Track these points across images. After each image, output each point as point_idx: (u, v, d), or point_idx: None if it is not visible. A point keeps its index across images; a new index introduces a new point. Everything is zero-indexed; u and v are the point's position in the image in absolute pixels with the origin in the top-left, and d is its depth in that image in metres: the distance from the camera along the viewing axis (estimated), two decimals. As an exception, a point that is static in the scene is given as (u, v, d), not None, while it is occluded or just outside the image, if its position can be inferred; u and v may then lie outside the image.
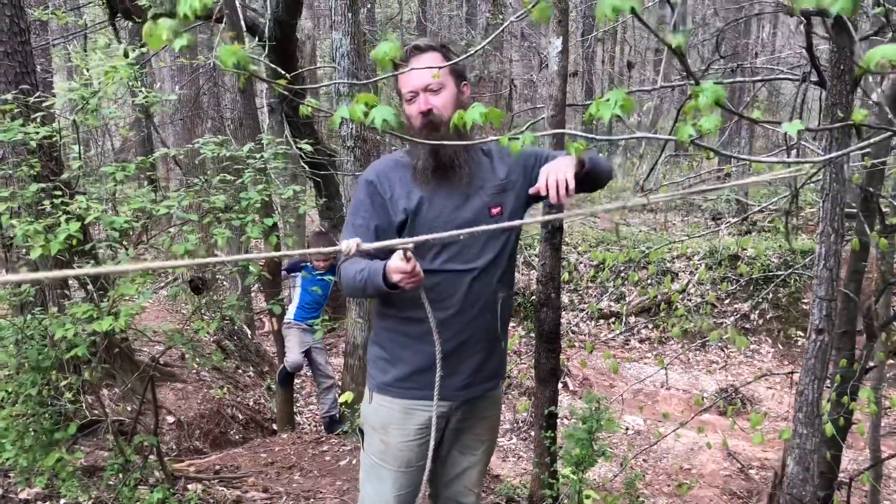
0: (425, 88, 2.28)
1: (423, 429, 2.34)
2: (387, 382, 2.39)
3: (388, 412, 2.39)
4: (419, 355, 2.33)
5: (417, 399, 2.34)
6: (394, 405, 2.38)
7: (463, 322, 2.32)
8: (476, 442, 2.55)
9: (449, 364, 2.28)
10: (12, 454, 3.06)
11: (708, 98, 1.07)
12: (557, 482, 3.95)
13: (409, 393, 2.36)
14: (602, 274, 10.24)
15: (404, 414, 2.36)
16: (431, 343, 2.21)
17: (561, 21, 3.68)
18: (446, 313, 2.29)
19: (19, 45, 4.53)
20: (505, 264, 2.41)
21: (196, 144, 3.75)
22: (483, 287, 2.33)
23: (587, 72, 17.25)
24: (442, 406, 2.33)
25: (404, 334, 2.36)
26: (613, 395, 7.89)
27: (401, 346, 2.36)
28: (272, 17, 7.08)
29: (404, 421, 2.36)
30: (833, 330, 2.96)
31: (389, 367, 2.39)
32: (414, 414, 2.36)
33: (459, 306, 2.31)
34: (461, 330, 2.33)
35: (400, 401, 2.37)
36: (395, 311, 2.36)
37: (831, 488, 4.02)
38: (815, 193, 11.93)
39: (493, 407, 2.57)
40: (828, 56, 2.80)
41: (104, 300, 3.28)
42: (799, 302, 10.16)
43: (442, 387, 2.25)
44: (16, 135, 3.34)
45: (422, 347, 2.30)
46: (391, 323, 2.39)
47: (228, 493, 4.20)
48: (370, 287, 2.18)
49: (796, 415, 3.03)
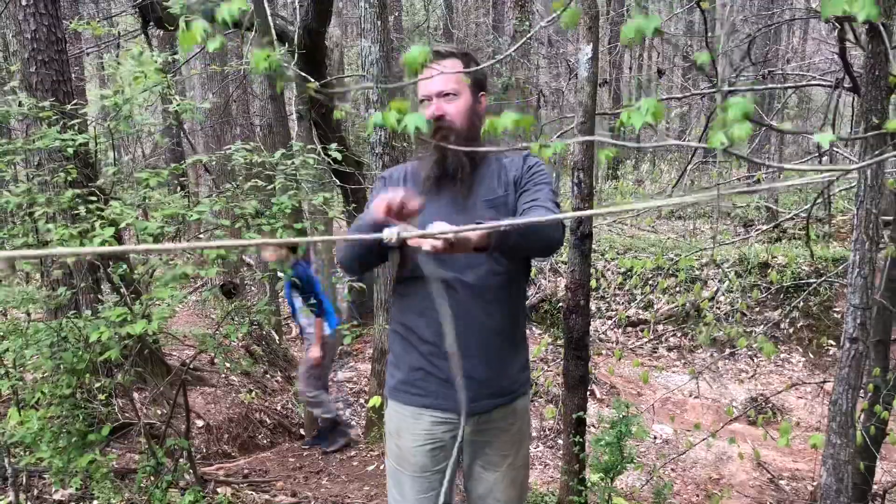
0: (439, 94, 2.25)
1: (432, 434, 2.32)
2: (394, 386, 2.39)
3: (398, 417, 2.38)
4: (418, 359, 2.30)
5: (423, 407, 2.32)
6: (403, 410, 2.36)
7: (455, 335, 2.15)
8: (498, 457, 2.43)
9: (448, 373, 2.22)
10: (47, 454, 3.11)
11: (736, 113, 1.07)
12: (586, 489, 3.93)
13: (414, 399, 2.33)
14: (630, 281, 10.18)
15: (414, 419, 2.34)
16: (425, 350, 2.25)
17: (591, 28, 3.68)
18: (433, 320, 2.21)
19: (56, 54, 4.62)
20: (502, 279, 2.30)
21: (228, 151, 3.80)
22: (474, 301, 2.24)
23: (615, 79, 17.18)
24: (450, 416, 2.29)
25: (405, 339, 2.35)
26: (641, 403, 7.84)
27: (404, 350, 2.36)
28: (302, 26, 7.15)
29: (414, 426, 2.34)
30: (868, 339, 2.92)
31: (395, 371, 2.40)
32: (421, 419, 2.33)
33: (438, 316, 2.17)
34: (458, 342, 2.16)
35: (408, 407, 2.35)
36: (400, 316, 2.37)
37: (865, 500, 3.96)
38: (848, 201, 11.78)
39: (512, 418, 2.42)
40: (862, 62, 2.77)
41: (137, 304, 3.32)
42: (830, 311, 10.02)
43: (445, 396, 2.25)
44: (52, 142, 3.40)
45: (419, 353, 2.29)
46: (397, 327, 2.39)
47: (257, 497, 4.23)
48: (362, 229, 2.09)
49: (829, 424, 2.99)
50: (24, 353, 3.34)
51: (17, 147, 3.60)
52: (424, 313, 2.26)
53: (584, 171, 3.85)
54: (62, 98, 4.50)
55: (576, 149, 3.84)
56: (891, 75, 2.49)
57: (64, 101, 4.39)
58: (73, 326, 3.34)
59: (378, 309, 6.28)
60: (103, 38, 10.52)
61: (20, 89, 4.48)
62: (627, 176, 18.58)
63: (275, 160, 3.75)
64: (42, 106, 3.70)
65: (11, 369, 3.39)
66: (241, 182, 3.98)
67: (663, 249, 10.96)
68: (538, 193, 2.29)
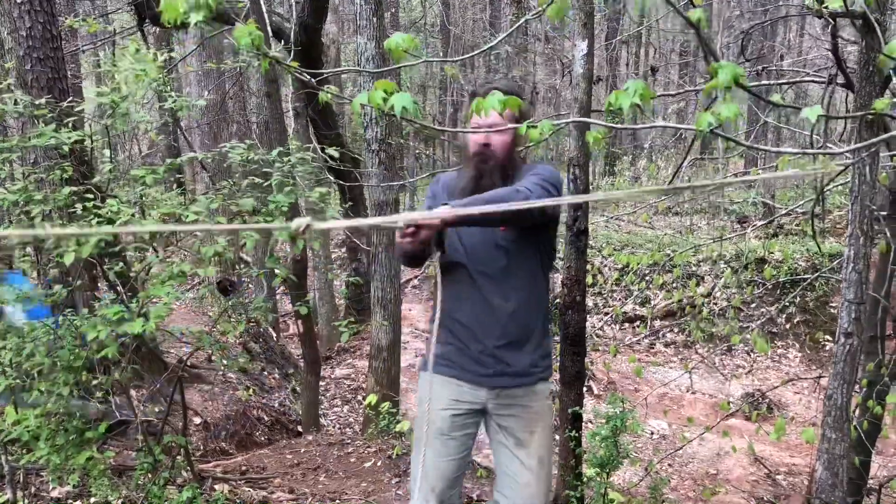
0: (491, 126, 2.54)
1: (457, 401, 2.63)
2: (428, 360, 2.68)
3: (427, 384, 2.66)
4: (452, 339, 2.64)
5: (450, 377, 2.64)
6: (433, 379, 2.66)
7: (487, 319, 2.59)
8: (525, 433, 2.65)
9: (477, 351, 2.59)
10: (45, 452, 3.11)
11: (726, 75, 1.07)
12: (582, 484, 3.94)
13: (444, 370, 2.65)
14: (627, 277, 10.20)
15: (441, 386, 2.64)
16: (459, 330, 2.61)
17: (586, 24, 3.68)
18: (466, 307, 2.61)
19: (51, 52, 4.61)
20: (520, 266, 2.62)
21: (224, 148, 3.80)
22: (496, 290, 2.59)
23: (611, 76, 17.19)
24: (475, 388, 2.62)
25: (443, 321, 2.62)
26: (638, 398, 7.85)
27: (442, 329, 2.64)
28: (298, 22, 7.14)
29: (440, 392, 2.63)
30: (862, 334, 2.93)
31: (432, 346, 2.67)
32: (448, 386, 2.64)
33: (474, 302, 2.60)
34: (485, 325, 2.59)
35: (438, 376, 2.65)
36: (442, 300, 2.62)
37: (861, 494, 3.98)
38: (843, 196, 11.80)
39: (534, 398, 2.67)
40: (856, 58, 2.78)
41: (133, 302, 3.33)
42: (826, 306, 10.04)
43: (471, 371, 2.61)
44: (48, 139, 3.40)
45: (454, 332, 2.63)
46: (434, 311, 2.64)
47: (255, 494, 4.24)
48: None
49: (825, 419, 3.01)
50: (21, 352, 3.34)
51: (12, 145, 3.60)
52: (459, 298, 2.61)
53: (579, 167, 3.86)
54: (58, 95, 4.50)
55: (571, 145, 3.85)
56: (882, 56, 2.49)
57: (60, 99, 4.38)
58: (70, 324, 3.34)
59: (375, 306, 6.28)
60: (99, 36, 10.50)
61: (15, 87, 4.47)
62: (624, 172, 18.59)
63: (271, 157, 3.75)
64: (38, 103, 3.70)
65: (8, 368, 3.39)
66: (238, 179, 3.99)
67: (660, 245, 10.98)
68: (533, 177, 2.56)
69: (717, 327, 9.68)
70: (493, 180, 2.56)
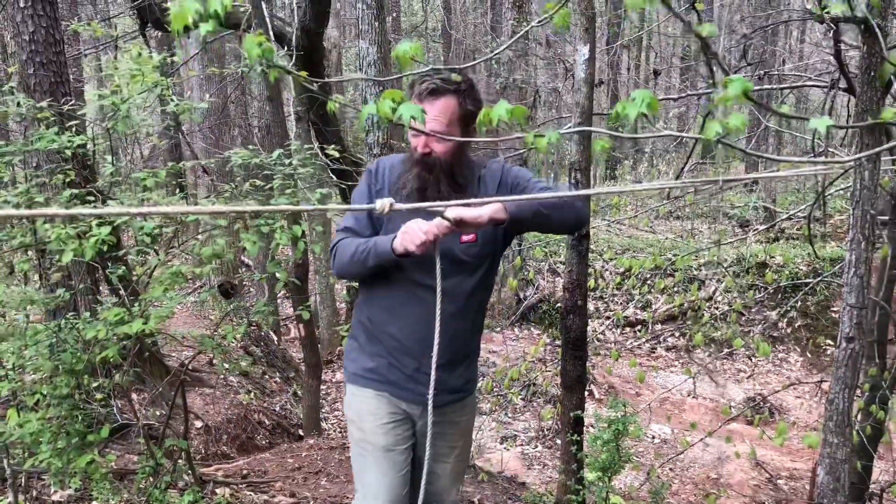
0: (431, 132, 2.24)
1: (395, 414, 2.46)
2: (355, 372, 2.51)
3: (359, 401, 2.49)
4: (384, 353, 2.44)
5: (385, 392, 2.45)
6: (364, 393, 2.47)
7: (422, 335, 2.33)
8: (447, 448, 2.58)
9: (415, 369, 2.41)
10: (47, 455, 3.11)
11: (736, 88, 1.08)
12: (584, 489, 3.94)
13: (375, 385, 2.46)
14: (628, 281, 10.20)
15: (375, 400, 2.46)
16: (394, 347, 2.41)
17: (588, 29, 3.69)
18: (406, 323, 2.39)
19: (54, 56, 4.62)
20: (477, 286, 2.46)
21: (227, 154, 3.80)
22: (446, 307, 2.27)
23: (613, 80, 17.20)
24: (412, 406, 2.46)
25: (372, 333, 2.47)
26: (640, 403, 7.85)
27: (370, 341, 2.47)
28: (299, 26, 7.15)
29: (375, 406, 2.45)
30: (864, 338, 2.93)
31: (358, 358, 2.51)
32: (382, 400, 2.45)
33: (417, 319, 2.37)
34: (420, 342, 2.36)
35: (369, 390, 2.47)
36: (368, 310, 2.48)
37: (862, 499, 3.98)
38: (845, 201, 11.80)
39: (464, 412, 2.61)
40: (857, 62, 2.78)
41: (135, 305, 3.33)
42: (828, 310, 10.03)
43: (407, 389, 2.43)
44: (51, 143, 3.40)
45: (386, 347, 2.43)
46: (364, 320, 2.50)
47: (256, 498, 4.24)
48: (372, 257, 2.27)
49: (826, 424, 3.00)
50: (23, 355, 3.35)
51: (15, 148, 3.61)
52: (394, 312, 2.40)
53: (581, 172, 3.86)
54: (60, 99, 4.51)
55: (573, 149, 3.85)
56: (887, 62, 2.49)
57: (62, 103, 4.39)
58: (72, 327, 3.35)
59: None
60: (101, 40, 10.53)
61: (18, 90, 4.48)
62: (625, 176, 18.59)
63: (272, 160, 3.75)
64: (40, 107, 3.71)
65: (11, 371, 3.40)
66: (240, 182, 3.99)
67: (661, 249, 10.98)
68: (539, 183, 2.46)
69: (718, 331, 9.67)
70: (439, 190, 2.31)
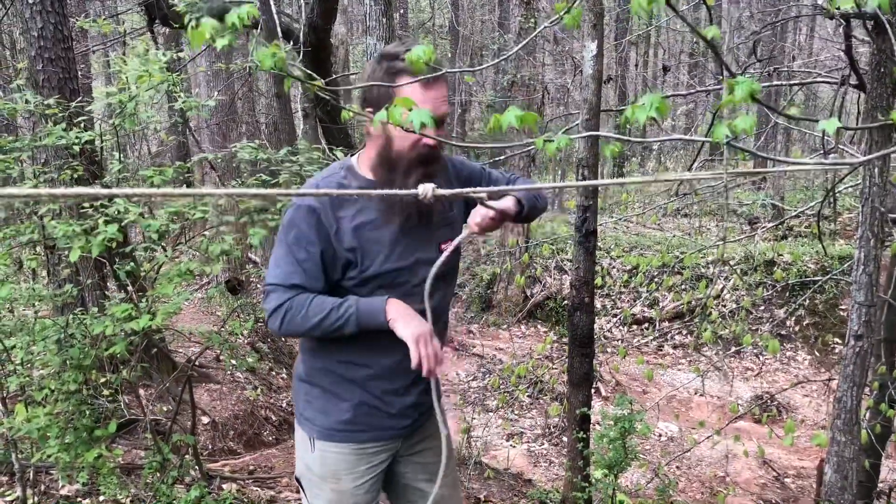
0: (441, 122, 1.96)
1: (373, 467, 2.21)
2: (330, 427, 2.17)
3: (337, 458, 2.18)
4: (365, 397, 2.14)
5: (366, 442, 2.18)
6: (343, 449, 2.17)
7: (409, 365, 2.02)
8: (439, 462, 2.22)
9: (399, 406, 2.17)
10: (55, 450, 3.12)
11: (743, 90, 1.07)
12: (590, 486, 3.93)
13: (356, 436, 2.17)
14: (635, 279, 10.17)
15: (356, 457, 2.18)
16: (375, 387, 2.12)
17: (596, 25, 3.68)
18: (391, 359, 2.09)
19: (62, 52, 4.63)
20: (451, 297, 2.30)
21: (233, 148, 3.81)
22: (438, 324, 2.10)
23: (620, 76, 17.16)
24: (393, 442, 2.23)
25: (347, 378, 2.15)
26: (647, 400, 7.84)
27: (343, 387, 2.15)
28: (307, 23, 7.15)
29: (356, 464, 2.19)
30: (872, 336, 2.92)
31: (331, 410, 2.17)
32: (363, 455, 2.19)
33: (404, 351, 2.01)
34: (407, 373, 2.06)
35: (349, 444, 2.17)
36: (337, 353, 2.13)
37: (870, 497, 3.96)
38: (853, 198, 11.75)
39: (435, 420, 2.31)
40: (868, 59, 2.77)
41: (142, 300, 3.34)
42: (836, 308, 9.99)
43: (389, 429, 2.18)
44: (58, 139, 3.41)
45: (366, 390, 2.14)
46: (330, 364, 2.16)
47: (262, 494, 4.25)
48: (353, 326, 1.97)
49: (834, 422, 2.99)
50: (31, 350, 3.36)
51: (23, 144, 3.62)
52: (374, 348, 2.09)
53: (588, 169, 3.85)
54: (68, 95, 4.52)
55: (580, 146, 3.84)
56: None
57: (70, 99, 4.40)
58: (79, 323, 3.36)
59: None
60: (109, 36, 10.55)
61: (27, 87, 4.50)
62: (633, 174, 18.58)
63: (280, 157, 3.76)
64: (48, 103, 3.72)
65: (19, 366, 3.41)
66: (246, 178, 4.00)
67: (669, 247, 10.95)
68: (508, 174, 2.38)
69: (726, 329, 9.65)
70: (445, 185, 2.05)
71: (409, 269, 2.06)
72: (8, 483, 3.74)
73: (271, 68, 1.41)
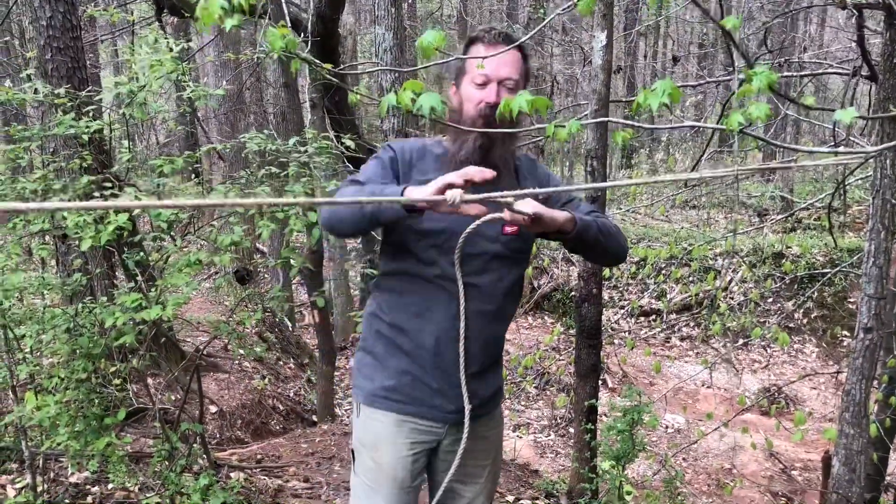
0: (501, 81, 2.02)
1: (415, 444, 2.16)
2: (374, 392, 2.16)
3: (378, 427, 2.17)
4: (409, 365, 2.12)
5: (407, 415, 2.14)
6: (384, 418, 2.15)
7: (451, 338, 2.07)
8: (478, 468, 2.27)
9: (441, 382, 2.11)
10: (65, 438, 3.14)
11: (761, 81, 1.06)
12: (597, 477, 3.94)
13: (397, 406, 2.14)
14: (643, 270, 10.15)
15: (396, 427, 2.14)
16: (418, 355, 2.09)
17: (606, 15, 3.66)
18: (435, 326, 2.08)
19: (71, 41, 4.64)
20: (515, 284, 2.19)
21: (242, 138, 3.81)
22: (483, 306, 2.09)
23: (629, 67, 17.10)
24: (435, 426, 2.16)
25: (394, 344, 2.14)
26: (653, 392, 7.83)
27: (390, 353, 2.15)
28: (315, 13, 7.14)
29: (396, 436, 2.15)
30: (882, 329, 2.91)
31: (376, 375, 2.17)
32: (404, 427, 2.14)
33: (450, 320, 2.06)
34: (448, 345, 2.07)
35: (391, 414, 2.15)
36: (390, 314, 2.14)
37: (878, 490, 3.95)
38: (864, 191, 11.69)
39: (492, 425, 2.31)
40: (880, 49, 2.74)
41: (152, 290, 3.35)
42: (844, 301, 9.96)
43: (434, 407, 2.13)
44: (67, 128, 3.42)
45: (411, 358, 2.11)
46: (383, 327, 2.17)
47: (270, 483, 4.27)
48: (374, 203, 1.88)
49: (842, 415, 2.99)
50: (40, 339, 3.38)
51: (33, 134, 3.63)
52: (424, 315, 2.08)
53: (597, 160, 3.84)
54: (77, 85, 4.52)
55: (589, 137, 3.83)
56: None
57: (79, 88, 4.40)
58: (89, 312, 3.37)
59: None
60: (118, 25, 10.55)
61: (36, 76, 4.50)
62: (641, 165, 18.51)
63: (288, 147, 3.75)
64: (57, 93, 3.72)
65: (29, 355, 3.43)
66: (255, 169, 4.00)
67: (677, 239, 10.93)
68: (583, 205, 2.24)
69: (734, 321, 9.62)
70: (504, 150, 2.06)
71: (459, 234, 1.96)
72: (18, 470, 3.77)
73: (281, 50, 1.41)
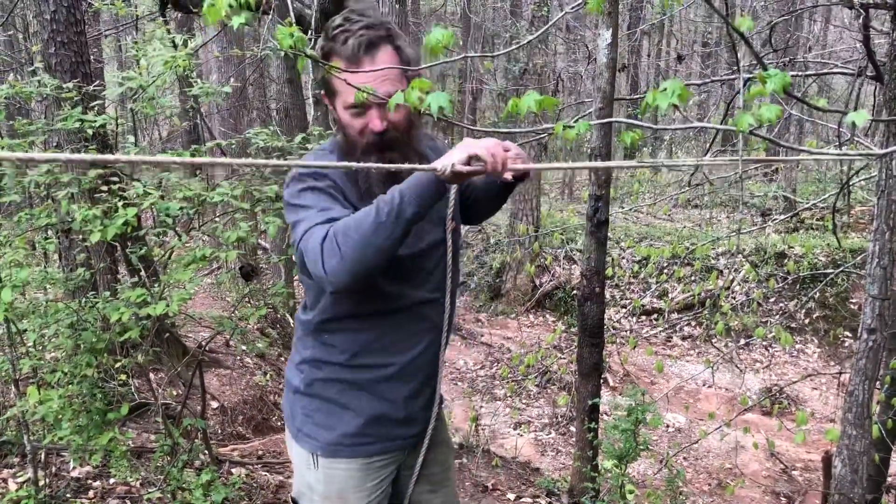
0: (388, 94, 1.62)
1: (381, 482, 2.05)
2: (335, 442, 1.98)
3: (344, 476, 2.00)
4: (374, 404, 1.95)
5: (374, 455, 2.00)
6: (350, 465, 1.99)
7: (425, 362, 1.96)
8: (441, 469, 2.20)
9: (409, 410, 1.99)
10: (67, 432, 3.15)
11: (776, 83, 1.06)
12: (599, 476, 3.94)
13: (364, 449, 1.98)
14: (645, 270, 10.15)
15: (363, 473, 2.00)
16: (387, 390, 1.94)
17: (611, 13, 3.66)
18: (408, 356, 1.93)
19: (75, 35, 4.63)
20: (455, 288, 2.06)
21: (247, 134, 3.81)
22: (447, 317, 1.97)
23: (633, 65, 17.08)
24: (396, 453, 2.06)
25: (356, 384, 1.95)
26: (655, 391, 7.83)
27: (352, 395, 1.95)
28: (318, 9, 7.13)
29: (363, 480, 2.01)
30: (886, 330, 2.91)
31: (334, 422, 1.97)
32: (371, 469, 2.01)
33: (425, 344, 1.94)
34: (420, 371, 1.96)
35: (356, 460, 1.99)
36: (341, 358, 1.94)
37: (879, 491, 3.95)
38: (868, 192, 11.67)
39: (441, 427, 2.20)
40: (886, 50, 2.74)
41: (155, 286, 3.35)
42: (847, 302, 9.95)
43: (398, 439, 2.02)
44: (73, 123, 3.42)
45: (377, 396, 1.95)
46: (337, 372, 1.96)
47: (271, 478, 4.28)
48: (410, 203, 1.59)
49: (845, 415, 2.99)
50: (43, 333, 3.38)
51: (36, 128, 3.63)
52: (392, 343, 1.92)
53: (601, 158, 3.84)
54: (81, 79, 4.52)
55: (593, 136, 3.83)
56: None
57: (83, 83, 4.41)
58: (92, 306, 3.38)
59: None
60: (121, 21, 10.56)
61: (40, 70, 4.50)
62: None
63: (294, 144, 3.76)
64: (67, 87, 3.72)
65: (32, 349, 3.43)
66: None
67: (679, 238, 10.92)
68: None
69: (736, 321, 9.62)
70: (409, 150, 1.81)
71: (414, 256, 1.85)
72: (20, 464, 3.78)
73: (290, 47, 1.41)
